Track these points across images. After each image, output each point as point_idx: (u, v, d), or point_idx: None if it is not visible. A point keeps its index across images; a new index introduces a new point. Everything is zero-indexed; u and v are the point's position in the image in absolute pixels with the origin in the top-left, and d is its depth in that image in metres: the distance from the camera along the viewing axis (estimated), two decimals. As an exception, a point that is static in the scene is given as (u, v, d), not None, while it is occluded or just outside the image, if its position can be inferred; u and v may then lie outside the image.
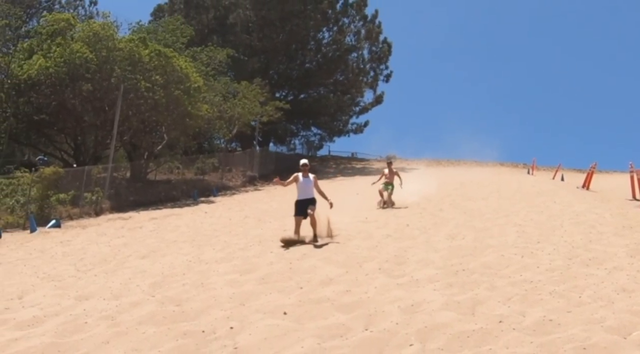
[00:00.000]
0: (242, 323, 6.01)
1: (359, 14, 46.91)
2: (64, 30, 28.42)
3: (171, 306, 7.24)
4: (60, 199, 23.07)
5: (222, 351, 5.17)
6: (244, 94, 35.64)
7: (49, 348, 5.80)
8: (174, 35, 34.52)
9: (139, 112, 28.38)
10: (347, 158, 50.82)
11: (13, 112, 28.18)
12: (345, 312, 6.16)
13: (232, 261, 10.70)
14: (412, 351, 4.77)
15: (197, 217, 21.10)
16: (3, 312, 7.86)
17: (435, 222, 14.41)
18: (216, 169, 35.22)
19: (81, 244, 16.06)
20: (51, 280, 10.63)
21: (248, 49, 42.85)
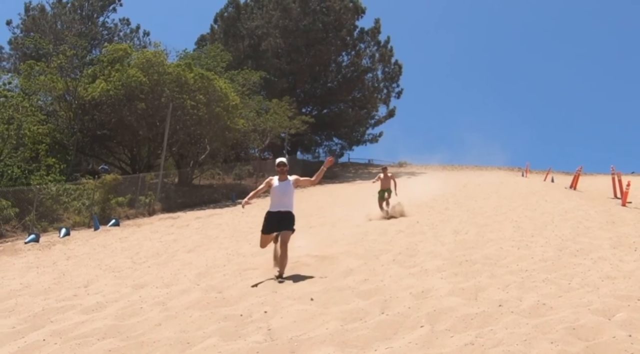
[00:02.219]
0: (275, 308, 5.98)
1: (373, 40, 46.96)
2: (122, 58, 28.80)
3: (214, 293, 7.24)
4: (119, 201, 23.30)
5: (258, 332, 5.15)
6: (275, 110, 35.76)
7: (111, 330, 5.82)
8: (215, 61, 34.76)
9: (186, 126, 28.59)
10: (364, 164, 50.71)
11: (79, 128, 28.54)
12: (364, 298, 6.13)
13: (266, 255, 10.67)
14: (423, 331, 4.72)
15: (235, 216, 21.14)
16: (72, 298, 7.93)
17: (442, 219, 14.29)
18: (251, 174, 35.34)
19: (137, 240, 16.17)
20: (112, 271, 10.71)
21: (278, 72, 43.03)
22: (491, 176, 35.85)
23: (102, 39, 45.47)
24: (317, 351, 4.33)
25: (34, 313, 6.98)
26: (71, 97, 28.65)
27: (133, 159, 31.21)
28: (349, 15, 45.12)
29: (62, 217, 20.90)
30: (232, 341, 4.97)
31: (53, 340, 5.63)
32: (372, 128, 49.75)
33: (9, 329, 6.26)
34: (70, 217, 21.11)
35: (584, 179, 26.19)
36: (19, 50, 43.15)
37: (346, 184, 33.50)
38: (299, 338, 4.78)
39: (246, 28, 44.17)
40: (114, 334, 5.65)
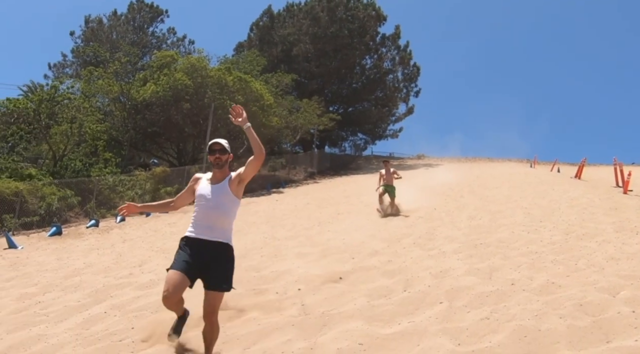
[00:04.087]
0: (308, 286, 5.99)
1: (394, 45, 46.52)
2: (169, 64, 29.05)
3: (253, 273, 7.27)
4: (167, 191, 23.58)
5: (293, 307, 5.17)
6: (305, 109, 35.73)
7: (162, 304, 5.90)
8: (251, 65, 34.83)
9: (226, 124, 28.73)
10: (386, 157, 50.43)
11: (133, 126, 28.95)
12: (389, 277, 6.09)
13: (299, 238, 10.70)
14: (442, 307, 4.68)
15: (271, 204, 21.23)
16: (128, 277, 8.07)
17: (458, 206, 14.11)
18: (284, 166, 35.42)
19: (184, 225, 16.33)
20: (162, 253, 10.83)
21: (308, 74, 42.96)
22: (502, 167, 35.26)
23: (152, 47, 45.92)
24: (346, 325, 4.33)
25: (96, 289, 7.12)
26: (125, 99, 29.06)
27: (179, 154, 31.56)
28: (371, 23, 44.79)
29: (118, 205, 21.23)
30: (270, 315, 5.00)
31: (113, 312, 5.74)
32: (393, 124, 49.44)
33: (75, 303, 6.41)
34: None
35: (588, 170, 25.53)
36: (80, 58, 43.86)
37: (370, 175, 33.32)
38: (330, 312, 4.78)
39: (279, 35, 44.16)
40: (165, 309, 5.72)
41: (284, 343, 4.11)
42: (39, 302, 6.78)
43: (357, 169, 38.61)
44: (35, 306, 6.55)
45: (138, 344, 4.46)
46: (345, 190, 23.89)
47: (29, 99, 25.45)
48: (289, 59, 42.76)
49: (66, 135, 24.79)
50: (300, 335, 4.25)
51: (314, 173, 36.59)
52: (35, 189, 18.75)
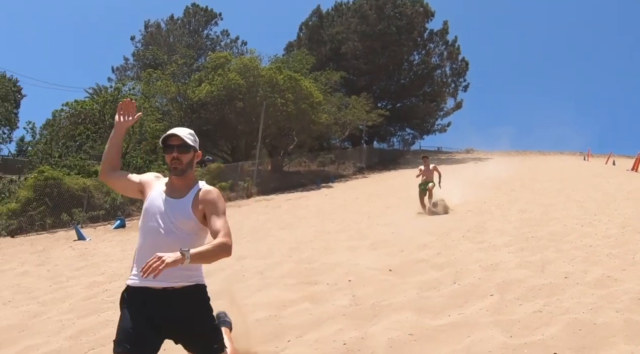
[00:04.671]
0: (358, 277, 5.98)
1: (442, 40, 45.67)
2: (223, 64, 29.60)
3: (304, 265, 7.32)
4: (222, 186, 24.06)
5: (344, 298, 5.17)
6: (354, 105, 35.62)
7: (220, 293, 5.98)
8: (301, 64, 35.00)
9: (277, 121, 29.06)
10: (434, 151, 49.56)
11: (189, 125, 29.62)
12: (438, 270, 5.99)
13: (348, 232, 10.69)
14: (493, 300, 4.56)
15: (320, 198, 21.31)
16: (186, 267, 8.31)
17: (508, 200, 13.72)
18: (333, 162, 35.47)
19: (238, 219, 16.65)
20: (218, 245, 11.10)
21: (356, 71, 42.80)
22: (555, 161, 34.04)
23: (207, 49, 46.87)
24: (396, 315, 4.30)
25: (157, 278, 7.37)
26: (182, 99, 29.84)
27: (233, 150, 32.14)
28: (419, 19, 44.12)
29: (176, 200, 21.85)
30: (321, 305, 5.03)
31: (173, 300, 5.92)
32: (441, 119, 48.58)
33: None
34: (183, 199, 22.03)
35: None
36: (140, 61, 45.35)
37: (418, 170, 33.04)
38: (380, 303, 4.76)
39: (328, 34, 44.17)
40: (222, 297, 5.83)
41: (335, 332, 4.13)
42: (106, 290, 7.09)
43: (406, 163, 38.19)
44: (102, 294, 6.85)
45: (197, 330, 4.58)
46: (393, 184, 23.68)
47: (94, 100, 26.55)
48: (338, 57, 42.71)
49: (128, 134, 25.69)
50: (351, 325, 4.26)
51: (363, 168, 36.46)
52: (101, 184, 19.54)
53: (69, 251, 12.41)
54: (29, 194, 17.55)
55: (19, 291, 7.77)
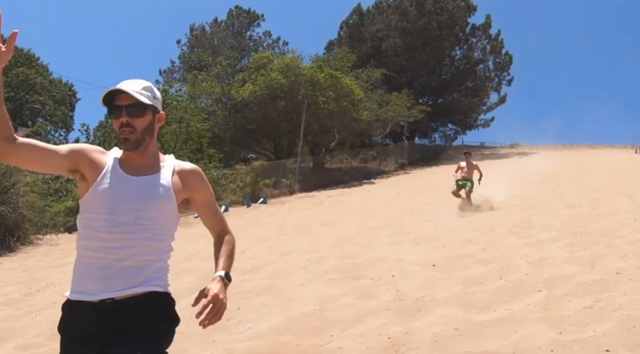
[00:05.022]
0: (401, 273, 5.92)
1: (484, 34, 44.63)
2: (265, 65, 29.91)
3: (347, 260, 7.30)
4: (266, 183, 24.33)
5: (387, 293, 5.13)
6: (395, 102, 35.31)
7: (265, 288, 6.11)
8: (342, 62, 34.95)
9: (318, 119, 29.14)
10: (477, 146, 48.51)
11: (233, 124, 30.16)
12: (483, 265, 5.84)
13: (391, 227, 10.61)
14: (541, 295, 4.41)
15: (362, 195, 21.23)
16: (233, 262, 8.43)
17: (555, 194, 13.28)
18: (375, 158, 35.29)
19: (281, 215, 16.80)
20: (262, 241, 11.21)
21: (397, 68, 42.39)
22: (604, 154, 32.71)
23: (249, 50, 47.46)
24: (441, 310, 4.23)
25: (205, 273, 7.50)
26: (226, 99, 30.34)
27: (276, 148, 32.45)
28: (461, 14, 43.27)
29: (221, 197, 22.25)
30: (365, 300, 5.00)
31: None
32: (484, 114, 47.57)
33: (188, 285, 6.81)
34: (228, 196, 22.41)
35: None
36: (186, 63, 46.37)
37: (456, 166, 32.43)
38: (424, 298, 4.70)
39: (368, 32, 43.93)
40: (268, 292, 5.92)
41: (379, 326, 4.10)
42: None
43: (448, 159, 37.55)
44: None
45: (245, 323, 4.65)
46: (435, 180, 23.33)
47: (143, 102, 27.25)
48: (378, 54, 42.42)
49: (175, 134, 26.36)
50: (395, 319, 4.22)
51: (405, 164, 36.11)
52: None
53: (122, 246, 12.80)
54: (85, 192, 18.20)
55: (76, 284, 8.08)
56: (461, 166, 12.30)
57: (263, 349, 3.89)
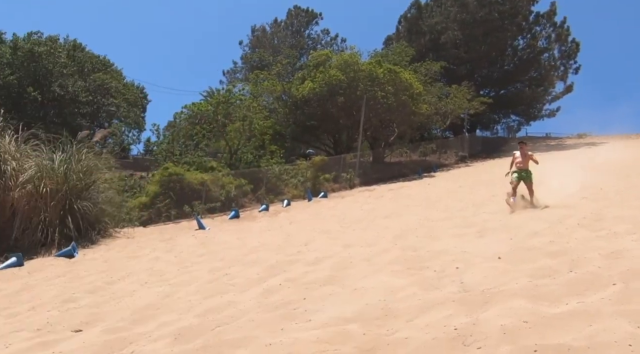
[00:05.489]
0: (466, 265, 5.77)
1: (549, 22, 42.62)
2: (324, 62, 30.02)
3: (410, 252, 7.22)
4: (326, 178, 24.49)
5: (452, 284, 5.02)
6: (455, 94, 34.50)
7: (329, 278, 6.14)
8: (400, 56, 34.52)
9: (377, 114, 28.94)
10: (542, 137, 46.47)
11: (293, 121, 30.51)
12: (552, 258, 5.57)
13: (453, 220, 10.38)
14: (616, 289, 4.15)
15: (423, 188, 20.93)
16: (297, 254, 8.56)
17: (628, 186, 12.51)
18: (434, 151, 34.65)
19: (342, 209, 16.86)
20: (324, 233, 11.30)
21: (457, 60, 41.35)
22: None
23: (308, 48, 47.81)
24: (509, 302, 4.09)
25: (270, 264, 7.67)
26: (286, 97, 30.73)
27: (335, 143, 32.53)
28: (524, 2, 41.56)
29: (283, 191, 22.62)
30: (429, 291, 4.92)
31: (287, 285, 6.13)
32: (550, 104, 45.48)
33: (255, 276, 6.98)
34: (290, 191, 22.75)
35: None
36: (247, 63, 47.36)
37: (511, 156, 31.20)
38: (490, 290, 4.56)
39: (427, 25, 43.08)
40: (333, 282, 5.95)
41: (445, 317, 4.03)
42: (226, 274, 7.52)
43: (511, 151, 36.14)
44: (223, 278, 7.27)
45: (311, 313, 4.71)
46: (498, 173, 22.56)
47: (208, 102, 28.16)
48: (437, 47, 41.55)
49: (239, 131, 27.01)
50: (461, 311, 4.13)
51: (466, 157, 35.23)
52: (217, 179, 20.75)
53: (192, 239, 13.32)
54: (156, 188, 19.07)
55: (152, 274, 8.50)
56: (516, 156, 11.40)
57: (330, 338, 3.92)
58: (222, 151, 28.02)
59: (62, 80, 33.48)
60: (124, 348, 4.43)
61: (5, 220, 12.34)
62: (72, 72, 34.58)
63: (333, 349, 3.71)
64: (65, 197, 13.04)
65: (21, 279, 9.38)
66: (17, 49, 32.72)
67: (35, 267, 10.58)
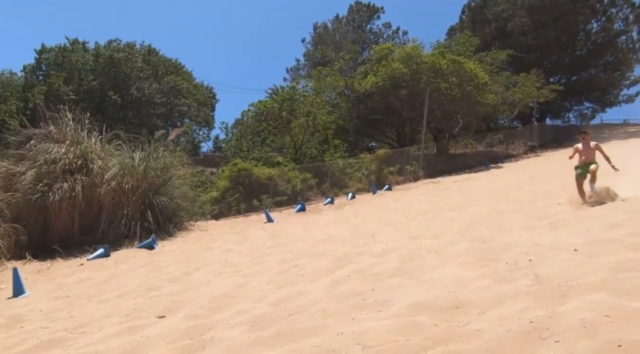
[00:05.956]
0: (539, 257, 5.53)
1: (626, 3, 39.73)
2: (386, 56, 29.70)
3: (478, 244, 7.01)
4: (390, 171, 24.27)
5: (525, 277, 4.83)
6: (522, 83, 33.04)
7: (397, 270, 6.10)
8: (464, 46, 33.50)
9: (441, 105, 28.28)
10: (619, 124, 43.57)
11: (356, 115, 30.43)
12: (633, 250, 5.20)
13: (524, 211, 9.97)
14: None
15: (490, 179, 20.26)
16: (363, 246, 8.55)
17: None
18: (501, 142, 33.40)
19: (407, 201, 16.64)
20: (390, 225, 11.20)
21: (524, 48, 39.50)
22: None
23: (370, 42, 47.43)
24: (588, 296, 3.88)
25: (338, 256, 7.72)
26: (349, 91, 30.68)
27: (399, 136, 32.14)
28: (597, -16, 39.02)
29: (348, 185, 22.65)
30: (502, 284, 4.77)
31: (355, 276, 6.15)
32: (627, 89, 42.45)
33: (323, 267, 7.06)
34: (354, 184, 22.74)
35: None
36: (310, 60, 47.70)
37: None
38: (567, 283, 4.35)
39: (492, 13, 41.46)
40: (401, 274, 5.91)
41: (520, 310, 3.89)
42: (296, 265, 7.65)
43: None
44: (293, 269, 7.40)
45: (380, 303, 4.70)
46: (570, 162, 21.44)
47: (273, 99, 28.67)
48: (503, 35, 39.91)
49: (303, 127, 27.32)
50: (536, 303, 3.97)
51: (535, 146, 33.71)
52: (283, 173, 21.10)
53: (262, 231, 13.64)
54: (226, 183, 19.67)
55: (226, 265, 8.80)
56: (579, 149, 9.94)
57: (400, 329, 3.90)
58: (287, 146, 28.43)
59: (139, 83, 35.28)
60: (204, 333, 4.63)
61: (93, 215, 13.19)
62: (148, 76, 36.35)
63: (404, 340, 3.69)
64: (145, 192, 13.74)
65: (108, 269, 10.01)
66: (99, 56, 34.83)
67: (120, 258, 11.25)
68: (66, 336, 5.17)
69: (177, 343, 4.45)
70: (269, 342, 4.07)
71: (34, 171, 12.84)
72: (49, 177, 12.74)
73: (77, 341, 4.98)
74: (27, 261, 11.27)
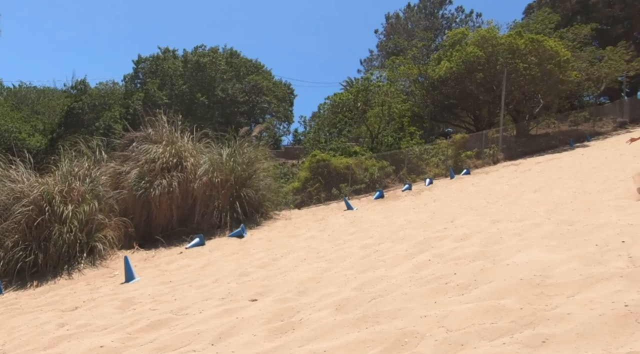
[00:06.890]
0: (633, 238, 5.10)
1: None
2: (460, 40, 28.58)
3: (565, 226, 6.60)
4: (468, 155, 23.45)
5: (618, 259, 4.49)
6: (609, 57, 30.40)
7: (478, 254, 5.90)
8: (543, 24, 31.41)
9: (519, 86, 26.78)
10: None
11: (431, 102, 29.64)
12: None
13: (615, 191, 9.22)
14: None
15: (575, 159, 18.94)
16: (443, 231, 8.35)
17: None
18: (587, 120, 31.02)
19: (487, 185, 16.00)
20: (470, 209, 10.84)
21: (610, 20, 36.23)
22: None
23: (443, 28, 45.89)
24: (690, 279, 3.54)
25: (418, 241, 7.60)
26: (423, 79, 29.91)
27: (476, 120, 30.90)
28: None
29: (425, 170, 22.19)
30: (592, 266, 4.47)
31: (436, 260, 6.03)
32: None
33: (404, 252, 6.99)
34: (431, 170, 22.24)
35: None
36: (383, 50, 47.03)
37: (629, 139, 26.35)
38: (666, 265, 3.99)
39: (572, -15, 38.47)
40: (482, 258, 5.71)
41: (612, 293, 3.62)
42: (377, 251, 7.64)
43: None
44: (374, 254, 7.40)
45: (463, 287, 4.58)
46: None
47: (348, 91, 28.66)
48: (586, 8, 36.88)
49: (378, 116, 27.07)
50: (632, 287, 3.68)
51: (626, 123, 31.01)
52: (360, 162, 21.08)
53: (342, 219, 13.75)
54: (307, 174, 20.02)
55: (310, 251, 8.98)
56: (635, 138, 9.21)
57: (485, 312, 3.78)
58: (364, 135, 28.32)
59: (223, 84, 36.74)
60: (292, 315, 4.77)
61: (188, 207, 14.00)
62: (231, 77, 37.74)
63: (489, 323, 3.58)
64: (232, 186, 14.35)
65: (204, 256, 10.58)
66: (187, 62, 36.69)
67: (214, 246, 11.85)
68: (172, 317, 5.55)
69: (269, 324, 4.62)
70: (354, 324, 4.11)
71: (137, 169, 13.83)
72: (149, 174, 13.68)
73: (182, 321, 5.33)
74: (135, 250, 12.20)
